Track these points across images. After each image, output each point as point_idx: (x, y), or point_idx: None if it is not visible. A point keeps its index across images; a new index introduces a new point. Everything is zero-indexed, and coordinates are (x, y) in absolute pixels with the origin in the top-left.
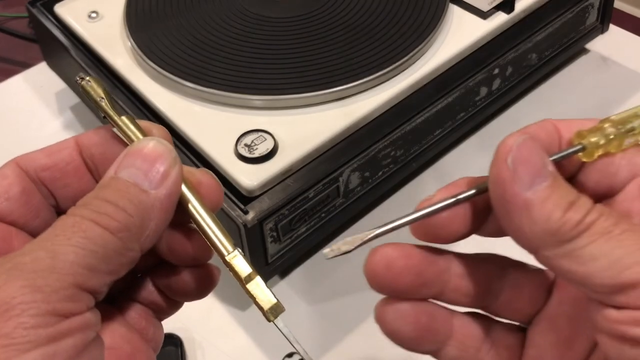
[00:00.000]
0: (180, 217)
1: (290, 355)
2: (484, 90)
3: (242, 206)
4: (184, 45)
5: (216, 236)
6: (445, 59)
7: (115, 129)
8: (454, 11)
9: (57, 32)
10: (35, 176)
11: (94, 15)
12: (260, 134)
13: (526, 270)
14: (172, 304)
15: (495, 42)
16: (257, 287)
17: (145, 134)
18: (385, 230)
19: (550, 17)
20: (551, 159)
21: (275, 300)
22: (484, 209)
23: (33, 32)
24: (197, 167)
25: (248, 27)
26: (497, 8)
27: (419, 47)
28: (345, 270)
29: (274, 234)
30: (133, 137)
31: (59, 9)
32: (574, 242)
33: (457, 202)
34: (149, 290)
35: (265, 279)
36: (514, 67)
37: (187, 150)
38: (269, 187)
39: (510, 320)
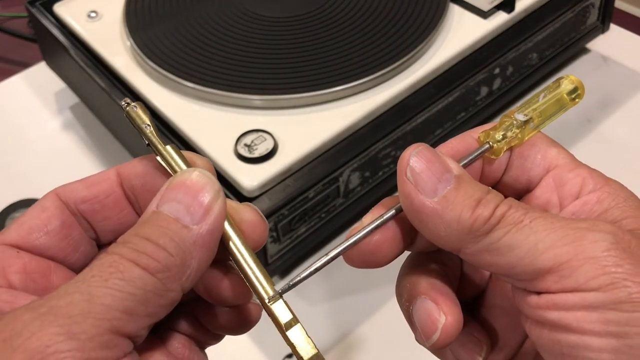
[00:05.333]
0: (219, 254)
1: (290, 356)
2: (484, 90)
3: None
4: (184, 45)
5: (257, 278)
6: (446, 58)
7: (158, 158)
8: (455, 11)
9: (56, 32)
10: (75, 208)
11: (93, 14)
12: (260, 134)
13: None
14: (213, 336)
15: (495, 41)
16: (298, 335)
17: (189, 165)
18: (323, 263)
19: (551, 16)
20: (461, 164)
21: (315, 351)
22: (411, 227)
23: (32, 32)
24: None
25: (248, 27)
26: (498, 8)
27: (419, 47)
28: (346, 271)
29: (274, 234)
30: (176, 167)
31: (58, 8)
32: (489, 236)
33: (384, 222)
34: (190, 322)
35: None
36: (515, 66)
37: (187, 150)
38: (268, 187)
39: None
